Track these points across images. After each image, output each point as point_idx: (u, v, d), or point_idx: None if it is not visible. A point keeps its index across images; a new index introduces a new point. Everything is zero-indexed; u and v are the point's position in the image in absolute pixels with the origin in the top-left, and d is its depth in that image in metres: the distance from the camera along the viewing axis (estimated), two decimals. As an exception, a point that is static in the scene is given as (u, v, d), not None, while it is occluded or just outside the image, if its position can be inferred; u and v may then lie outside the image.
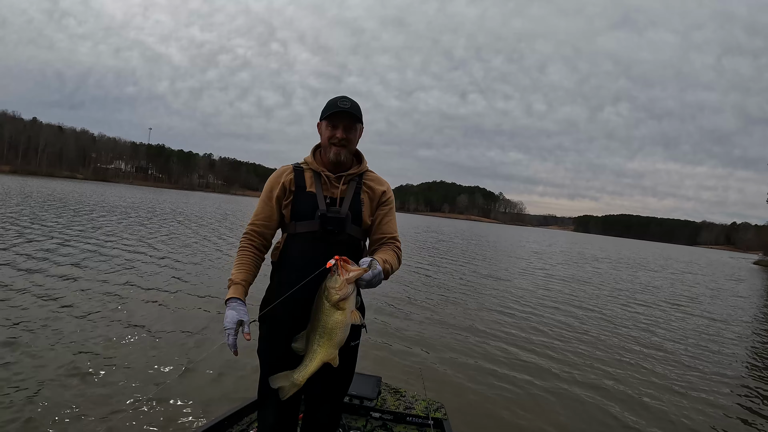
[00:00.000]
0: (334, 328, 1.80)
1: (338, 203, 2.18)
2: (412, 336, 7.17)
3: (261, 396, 2.23)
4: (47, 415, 3.69)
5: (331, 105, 2.15)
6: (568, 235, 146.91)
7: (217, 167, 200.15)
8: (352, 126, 2.18)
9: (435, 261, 18.62)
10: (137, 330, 5.90)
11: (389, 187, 2.36)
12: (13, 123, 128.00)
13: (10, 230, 13.26)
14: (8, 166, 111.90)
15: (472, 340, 7.28)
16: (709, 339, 9.39)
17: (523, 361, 6.55)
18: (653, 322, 10.52)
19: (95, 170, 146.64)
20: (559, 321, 9.44)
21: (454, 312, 9.22)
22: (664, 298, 15.22)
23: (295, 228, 2.17)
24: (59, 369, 4.53)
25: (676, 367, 7.07)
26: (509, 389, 5.49)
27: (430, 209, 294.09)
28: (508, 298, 11.46)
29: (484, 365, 6.21)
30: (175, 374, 4.75)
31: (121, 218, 21.70)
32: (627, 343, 8.15)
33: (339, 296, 1.77)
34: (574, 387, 5.77)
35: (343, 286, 1.78)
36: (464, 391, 5.27)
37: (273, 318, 2.18)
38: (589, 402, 5.36)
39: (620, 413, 5.12)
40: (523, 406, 5.05)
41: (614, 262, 32.57)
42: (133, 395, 4.19)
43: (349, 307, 1.81)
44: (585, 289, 15.15)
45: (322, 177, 2.20)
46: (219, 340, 5.79)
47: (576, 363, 6.72)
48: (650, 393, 5.82)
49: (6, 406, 3.74)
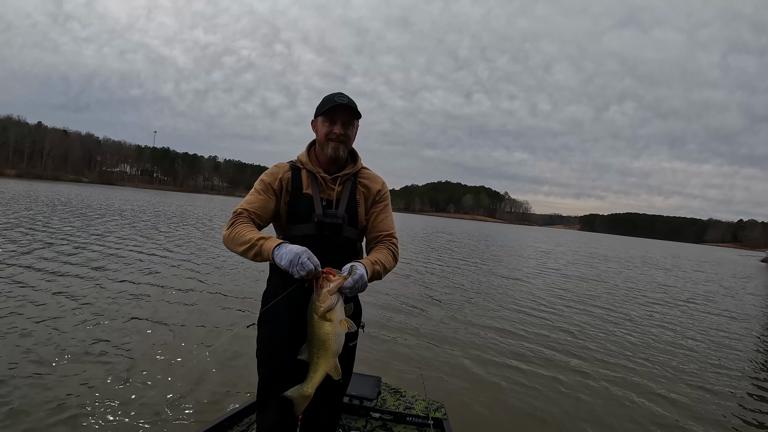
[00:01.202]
0: (326, 340, 1.82)
1: (334, 205, 2.16)
2: (413, 336, 7.14)
3: (260, 398, 2.22)
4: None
5: (328, 100, 2.12)
6: (574, 234, 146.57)
7: (222, 169, 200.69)
8: (350, 122, 2.16)
9: (447, 261, 18.59)
10: (162, 326, 5.93)
11: (384, 183, 2.34)
12: (18, 127, 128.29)
13: (29, 235, 13.30)
14: (13, 170, 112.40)
15: (472, 340, 7.25)
16: (730, 336, 9.46)
17: (524, 362, 6.51)
18: (673, 321, 10.50)
19: (100, 173, 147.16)
20: (564, 321, 9.40)
21: (455, 312, 9.18)
22: (681, 297, 15.21)
23: (291, 230, 2.15)
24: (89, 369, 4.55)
25: (701, 365, 7.06)
26: (509, 389, 5.46)
27: (435, 209, 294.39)
28: (514, 297, 11.42)
29: (484, 365, 6.18)
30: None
31: (133, 221, 21.77)
32: (640, 342, 8.11)
33: (323, 308, 1.79)
34: (575, 387, 5.73)
35: (326, 297, 1.80)
36: (464, 391, 5.24)
37: (271, 321, 2.18)
38: (590, 402, 5.33)
39: (622, 413, 5.09)
40: (524, 406, 5.03)
41: (624, 261, 32.42)
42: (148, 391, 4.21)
43: (337, 317, 1.82)
44: (597, 288, 15.08)
45: (318, 179, 2.17)
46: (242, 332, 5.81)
47: (578, 363, 6.68)
48: (666, 391, 5.79)
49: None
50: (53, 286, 7.61)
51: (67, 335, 5.50)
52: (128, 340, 5.57)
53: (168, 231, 19.14)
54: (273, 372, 2.17)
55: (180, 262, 11.55)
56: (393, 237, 2.25)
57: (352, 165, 2.27)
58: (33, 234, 13.56)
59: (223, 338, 5.94)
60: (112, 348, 5.28)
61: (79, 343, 5.29)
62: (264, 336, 2.21)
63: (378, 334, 6.92)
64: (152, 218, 25.20)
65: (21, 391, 4.05)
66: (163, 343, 5.65)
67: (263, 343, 2.21)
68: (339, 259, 2.03)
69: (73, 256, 10.65)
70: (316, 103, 2.21)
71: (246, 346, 5.53)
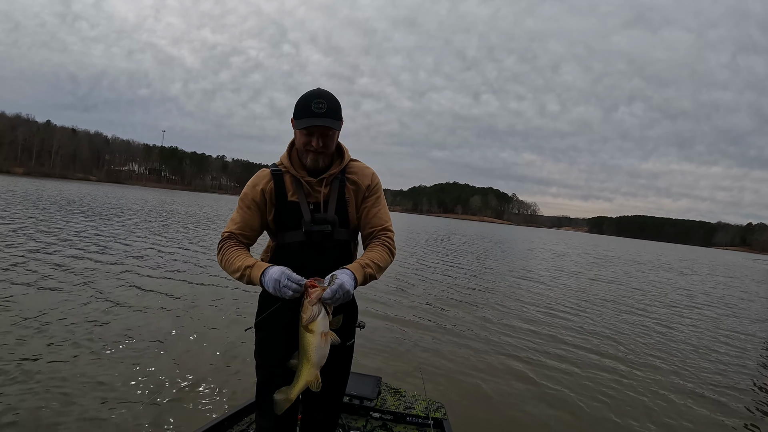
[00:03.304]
0: (308, 350, 1.82)
1: (323, 208, 2.09)
2: (413, 335, 7.13)
3: (259, 399, 2.23)
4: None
5: (304, 108, 1.97)
6: (583, 237, 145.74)
7: (230, 169, 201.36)
8: (328, 131, 2.01)
9: (452, 261, 18.55)
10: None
11: (374, 175, 2.22)
12: (27, 125, 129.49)
13: (51, 235, 13.43)
14: (22, 168, 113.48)
15: (472, 340, 7.22)
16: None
17: (524, 362, 6.47)
18: (701, 325, 10.52)
19: (108, 172, 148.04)
20: (572, 323, 9.34)
21: (456, 312, 9.15)
22: (706, 302, 15.26)
23: (283, 238, 2.12)
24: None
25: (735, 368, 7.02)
26: (510, 390, 5.43)
27: (443, 210, 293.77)
28: (519, 299, 11.38)
29: (484, 366, 6.15)
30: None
31: (149, 220, 21.91)
32: (658, 343, 8.07)
33: (305, 319, 1.79)
34: (575, 387, 5.70)
35: (307, 308, 1.79)
36: (464, 391, 5.22)
37: (268, 325, 2.18)
38: (591, 402, 5.29)
39: (623, 413, 5.05)
40: (524, 407, 5.00)
41: (641, 264, 32.31)
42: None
43: (317, 329, 1.80)
44: (617, 290, 15.04)
45: (302, 183, 2.09)
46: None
47: (580, 363, 6.64)
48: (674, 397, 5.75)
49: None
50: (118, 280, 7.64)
51: (79, 326, 5.55)
52: (130, 338, 5.61)
53: (203, 233, 19.20)
54: (270, 375, 2.17)
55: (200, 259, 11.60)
56: (388, 230, 2.16)
57: (339, 161, 2.15)
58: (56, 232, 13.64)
59: (226, 340, 5.95)
60: (112, 344, 5.32)
61: (82, 337, 5.33)
62: (261, 340, 2.21)
63: (378, 333, 6.91)
64: (196, 223, 25.28)
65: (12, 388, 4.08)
66: (166, 340, 5.68)
67: (260, 347, 2.21)
68: (332, 263, 2.02)
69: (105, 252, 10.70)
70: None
71: (247, 346, 5.55)
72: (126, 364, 4.84)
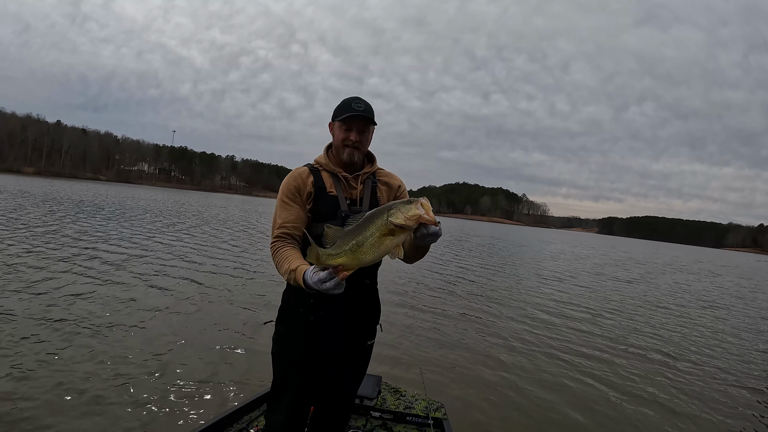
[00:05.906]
0: (370, 246, 1.71)
1: (358, 203, 2.23)
2: (414, 335, 7.13)
3: (274, 394, 2.29)
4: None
5: (345, 107, 2.18)
6: (594, 238, 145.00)
7: (240, 169, 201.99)
8: (365, 128, 2.22)
9: (460, 262, 18.52)
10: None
11: (402, 181, 2.42)
12: (38, 126, 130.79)
13: (84, 237, 13.53)
14: (32, 168, 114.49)
15: (473, 341, 7.21)
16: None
17: (524, 362, 6.46)
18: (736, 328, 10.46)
19: (118, 172, 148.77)
20: (581, 324, 9.30)
21: (457, 312, 9.14)
22: (732, 304, 15.45)
23: (317, 229, 2.16)
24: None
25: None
26: (510, 390, 5.42)
27: (452, 211, 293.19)
28: (523, 300, 11.35)
29: (484, 366, 6.14)
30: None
31: (174, 221, 22.05)
32: (671, 343, 8.01)
33: (401, 222, 1.68)
34: (575, 388, 5.69)
35: (413, 218, 1.68)
36: (464, 392, 5.21)
37: (290, 319, 2.25)
38: (591, 403, 5.27)
39: (623, 415, 5.02)
40: (524, 407, 4.99)
41: (660, 265, 32.32)
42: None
43: (397, 240, 1.71)
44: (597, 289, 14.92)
45: (340, 178, 2.24)
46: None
47: (582, 363, 6.62)
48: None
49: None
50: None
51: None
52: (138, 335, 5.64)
53: (230, 235, 19.33)
54: (288, 371, 2.24)
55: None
56: None
57: (370, 165, 2.34)
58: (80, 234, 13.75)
59: (238, 334, 5.98)
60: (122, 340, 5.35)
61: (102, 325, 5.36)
62: (281, 334, 2.27)
63: (379, 333, 6.88)
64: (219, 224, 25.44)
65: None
66: (177, 334, 5.73)
67: (281, 341, 2.28)
68: None
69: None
70: (334, 104, 2.28)
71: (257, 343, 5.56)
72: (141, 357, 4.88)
